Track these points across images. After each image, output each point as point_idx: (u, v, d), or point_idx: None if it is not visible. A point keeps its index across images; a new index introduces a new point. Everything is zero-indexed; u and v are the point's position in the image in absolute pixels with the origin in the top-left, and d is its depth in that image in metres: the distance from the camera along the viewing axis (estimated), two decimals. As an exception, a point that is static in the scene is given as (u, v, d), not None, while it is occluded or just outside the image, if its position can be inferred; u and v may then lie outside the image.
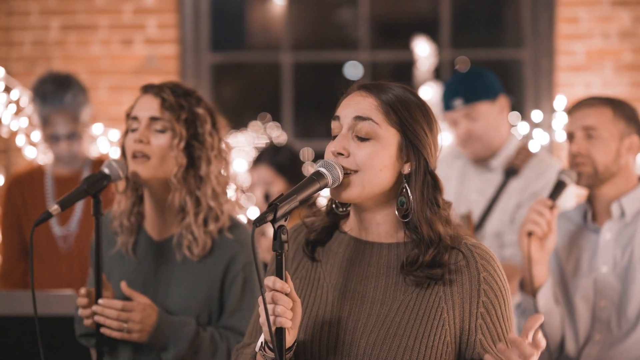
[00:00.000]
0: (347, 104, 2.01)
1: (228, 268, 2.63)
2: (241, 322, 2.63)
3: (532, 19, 5.51)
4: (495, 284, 1.95)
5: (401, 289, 1.97)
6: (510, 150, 3.68)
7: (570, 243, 2.96)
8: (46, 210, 2.40)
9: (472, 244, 1.98)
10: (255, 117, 6.10)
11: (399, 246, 1.99)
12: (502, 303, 1.96)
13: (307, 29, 6.47)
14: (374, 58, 5.83)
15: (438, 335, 1.92)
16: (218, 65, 5.88)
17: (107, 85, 5.44)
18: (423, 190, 1.96)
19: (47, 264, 3.97)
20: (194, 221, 2.61)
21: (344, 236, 2.08)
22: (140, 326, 2.51)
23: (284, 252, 1.86)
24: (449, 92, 3.65)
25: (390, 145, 1.96)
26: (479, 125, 3.62)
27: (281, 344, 1.87)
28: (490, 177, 3.71)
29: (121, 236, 2.70)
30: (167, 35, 5.50)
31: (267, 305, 1.83)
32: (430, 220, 1.95)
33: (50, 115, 3.92)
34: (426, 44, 5.48)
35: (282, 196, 1.89)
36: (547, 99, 5.41)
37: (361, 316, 1.97)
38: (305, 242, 2.10)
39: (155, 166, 2.59)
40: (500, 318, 1.95)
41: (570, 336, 2.88)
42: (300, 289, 2.07)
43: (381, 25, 6.37)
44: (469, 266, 1.95)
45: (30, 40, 5.50)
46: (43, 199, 3.95)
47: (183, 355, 2.57)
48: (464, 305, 1.94)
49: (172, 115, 2.59)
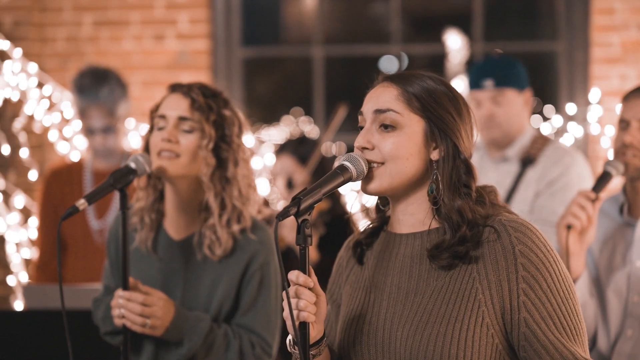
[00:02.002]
0: (369, 98, 1.99)
1: (247, 267, 2.65)
2: (254, 320, 2.64)
3: (566, 10, 5.44)
4: (535, 256, 1.86)
5: (433, 276, 1.93)
6: (526, 140, 3.65)
7: (605, 236, 2.89)
8: (73, 205, 2.42)
9: (506, 219, 1.91)
10: (288, 111, 6.09)
11: (430, 233, 1.96)
12: (549, 276, 1.86)
13: (340, 23, 6.45)
14: (406, 51, 5.79)
15: (474, 318, 1.86)
16: (252, 60, 5.87)
17: (139, 80, 5.45)
18: (452, 176, 1.93)
19: (82, 257, 4.01)
20: (218, 222, 2.62)
21: (384, 233, 2.07)
22: (161, 322, 2.53)
23: (307, 246, 1.85)
24: (480, 71, 3.63)
25: (416, 133, 1.94)
26: (502, 110, 3.60)
27: (305, 339, 1.86)
28: (506, 167, 3.67)
29: (140, 233, 2.71)
30: (198, 30, 5.51)
31: (290, 299, 1.82)
32: (460, 207, 1.91)
33: (87, 108, 3.99)
34: (458, 36, 5.43)
35: (305, 190, 1.88)
36: (581, 91, 5.34)
37: (397, 309, 1.95)
38: (354, 245, 2.09)
39: (185, 165, 2.60)
40: (547, 292, 1.86)
41: (602, 331, 2.83)
42: (350, 294, 2.06)
43: (414, 18, 6.33)
44: (502, 241, 1.88)
45: (64, 36, 5.53)
46: (81, 193, 4.00)
47: (196, 350, 2.57)
48: (502, 283, 1.86)
49: (202, 115, 2.60)
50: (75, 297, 3.17)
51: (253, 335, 2.64)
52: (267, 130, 5.74)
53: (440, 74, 2.03)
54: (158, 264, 2.70)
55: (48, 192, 4.08)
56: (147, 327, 2.51)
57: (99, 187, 2.49)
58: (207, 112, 2.61)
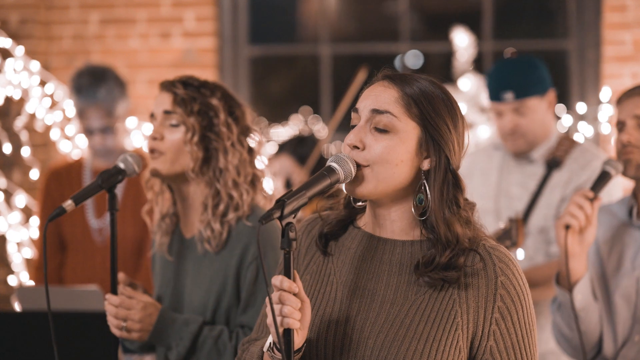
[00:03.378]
0: (367, 95, 1.93)
1: (242, 258, 2.56)
2: (253, 319, 2.57)
3: (577, 8, 5.36)
4: (513, 289, 1.87)
5: (413, 289, 1.89)
6: (552, 141, 3.55)
7: (613, 239, 2.84)
8: (60, 206, 2.38)
9: (490, 246, 1.90)
10: (297, 110, 6.06)
11: (414, 244, 1.91)
12: (520, 309, 1.88)
13: (354, 21, 6.41)
14: (415, 49, 5.73)
15: (450, 339, 1.84)
16: (264, 58, 5.84)
17: (145, 79, 5.43)
18: (442, 189, 1.88)
19: (82, 257, 3.99)
20: (212, 213, 2.56)
21: (358, 231, 2.00)
22: (140, 325, 2.48)
23: (292, 250, 1.80)
24: (499, 82, 3.51)
25: (410, 140, 1.88)
26: (526, 120, 3.49)
27: (289, 345, 1.80)
28: (531, 169, 3.58)
29: (158, 237, 2.69)
30: (205, 28, 5.48)
31: (274, 305, 1.77)
32: (448, 221, 1.87)
33: (85, 109, 3.97)
34: (465, 34, 5.37)
35: (290, 192, 1.82)
36: (593, 90, 5.26)
37: (370, 315, 1.89)
38: (319, 235, 2.03)
39: (170, 161, 2.56)
40: (516, 324, 1.88)
41: (608, 336, 2.77)
42: (310, 284, 2.00)
43: (425, 16, 6.28)
44: (487, 269, 1.87)
45: (70, 34, 5.51)
46: (80, 193, 3.97)
47: (184, 354, 2.52)
48: (479, 309, 1.86)
49: (184, 108, 2.55)
50: (71, 298, 3.15)
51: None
52: (275, 129, 5.70)
53: (447, 72, 1.99)
54: (173, 265, 2.68)
55: (48, 192, 4.07)
56: (123, 330, 2.47)
57: (87, 187, 2.46)
58: (190, 104, 2.56)
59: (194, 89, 2.58)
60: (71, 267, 4.01)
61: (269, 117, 5.87)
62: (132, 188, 3.85)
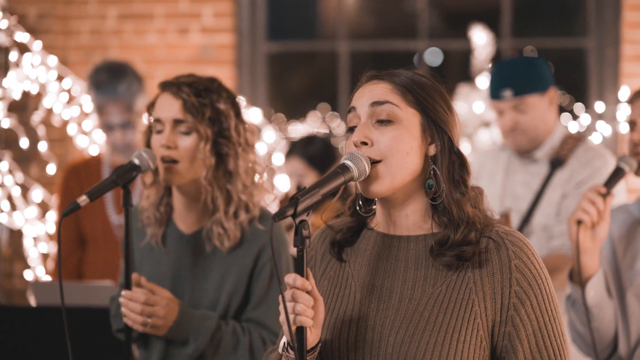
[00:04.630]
0: (361, 94, 1.94)
1: (258, 259, 2.60)
2: (266, 315, 2.59)
3: (596, 6, 5.33)
4: (530, 272, 1.85)
5: (430, 282, 1.89)
6: (555, 140, 3.56)
7: (628, 237, 2.82)
8: (74, 201, 2.39)
9: (504, 232, 1.89)
10: (316, 107, 6.05)
11: (427, 238, 1.91)
12: (540, 293, 1.85)
13: (374, 17, 6.39)
14: (433, 47, 5.71)
15: (470, 329, 1.83)
16: (280, 55, 5.83)
17: (163, 74, 5.42)
18: (450, 170, 1.90)
19: (103, 253, 4.00)
20: (224, 215, 2.58)
21: (372, 233, 2.00)
22: (163, 321, 2.49)
23: (305, 248, 1.79)
24: (498, 81, 3.53)
25: (413, 126, 1.89)
26: (526, 117, 3.50)
27: (302, 344, 1.79)
28: (535, 169, 3.59)
29: (150, 228, 2.69)
30: (223, 24, 5.48)
31: (286, 303, 1.77)
32: (459, 202, 1.88)
33: (105, 105, 3.98)
34: (483, 32, 5.35)
35: (304, 190, 1.82)
36: (611, 89, 5.23)
37: (389, 313, 1.89)
38: (331, 244, 2.03)
39: (184, 169, 2.56)
40: (537, 310, 1.85)
41: (622, 334, 2.76)
42: (328, 289, 2.00)
43: (444, 13, 6.26)
44: (500, 254, 1.86)
45: (88, 29, 5.52)
46: (98, 189, 3.98)
47: (203, 350, 2.53)
48: (495, 296, 1.85)
49: (195, 116, 2.54)
50: (88, 294, 3.15)
51: (264, 331, 2.59)
52: (293, 126, 5.69)
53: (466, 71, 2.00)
54: (168, 259, 2.67)
55: (66, 187, 4.08)
56: (148, 326, 2.48)
57: (102, 183, 2.46)
58: (201, 111, 2.55)
59: (202, 93, 2.57)
60: (91, 263, 4.02)
61: (287, 113, 5.86)
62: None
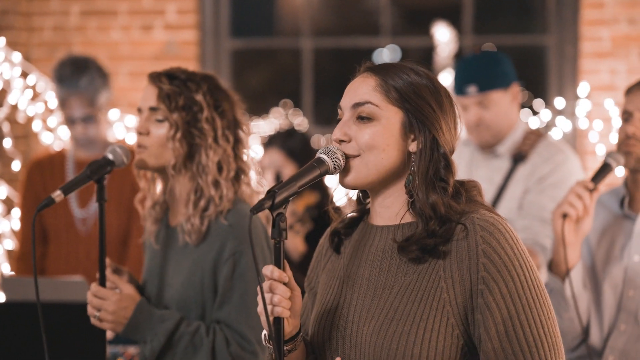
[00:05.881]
0: (348, 91, 1.97)
1: (219, 255, 2.56)
2: (230, 315, 2.54)
3: (556, 4, 5.41)
4: (498, 258, 1.81)
5: (402, 271, 1.89)
6: (517, 136, 3.61)
7: (603, 228, 2.85)
8: (49, 196, 2.39)
9: (479, 217, 1.84)
10: (278, 104, 6.07)
11: (404, 227, 1.93)
12: (510, 280, 1.80)
13: (333, 15, 6.42)
14: (395, 44, 5.75)
15: (439, 317, 1.82)
16: (244, 51, 5.84)
17: (126, 71, 5.42)
18: (429, 169, 1.89)
19: (65, 247, 3.98)
20: (193, 207, 2.57)
21: (363, 224, 2.04)
22: (112, 317, 2.48)
23: (282, 240, 1.82)
24: (463, 77, 3.58)
25: (393, 125, 1.91)
26: (490, 113, 3.55)
27: (279, 334, 1.83)
28: (497, 164, 3.64)
29: (148, 225, 2.71)
30: (186, 20, 5.47)
31: (264, 294, 1.80)
32: (433, 202, 1.86)
33: (67, 98, 3.97)
34: (446, 29, 5.41)
35: (281, 183, 1.85)
36: (571, 85, 5.31)
37: (366, 303, 1.91)
38: (331, 233, 2.06)
39: (154, 155, 2.57)
40: (506, 296, 1.80)
41: (595, 324, 2.80)
42: (325, 282, 2.04)
43: (406, 11, 6.31)
44: (468, 239, 1.83)
45: (51, 25, 5.49)
46: (63, 183, 3.96)
47: (158, 350, 2.52)
48: (464, 282, 1.82)
49: (168, 104, 2.55)
50: (56, 289, 3.14)
51: (229, 331, 2.53)
52: (256, 122, 5.71)
53: (428, 67, 2.01)
54: (157, 253, 2.69)
55: (30, 183, 4.06)
56: (96, 319, 2.48)
57: (76, 178, 2.47)
58: (174, 100, 2.55)
59: (180, 83, 2.57)
60: (54, 258, 4.00)
61: (250, 110, 5.86)
62: (116, 178, 3.86)
